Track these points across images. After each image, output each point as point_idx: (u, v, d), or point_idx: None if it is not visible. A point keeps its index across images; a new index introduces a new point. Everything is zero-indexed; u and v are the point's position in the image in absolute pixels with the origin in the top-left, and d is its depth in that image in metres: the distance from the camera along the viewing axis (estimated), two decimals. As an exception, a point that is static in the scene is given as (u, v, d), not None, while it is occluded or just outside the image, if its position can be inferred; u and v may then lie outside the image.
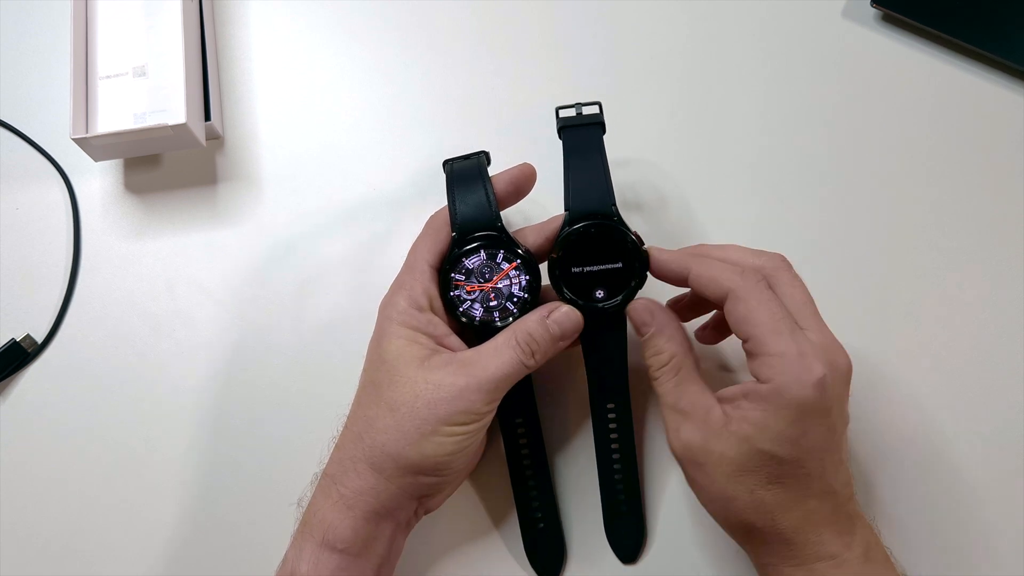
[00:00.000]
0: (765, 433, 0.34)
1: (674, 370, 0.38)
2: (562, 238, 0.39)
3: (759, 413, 0.34)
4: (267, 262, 0.50)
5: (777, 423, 0.34)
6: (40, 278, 0.51)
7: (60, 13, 0.54)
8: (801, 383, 0.33)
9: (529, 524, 0.44)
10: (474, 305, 0.40)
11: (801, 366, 0.33)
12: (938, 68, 0.51)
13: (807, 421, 0.34)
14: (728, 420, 0.35)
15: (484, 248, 0.40)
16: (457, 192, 0.40)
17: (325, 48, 0.55)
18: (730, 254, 0.38)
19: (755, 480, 0.35)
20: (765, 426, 0.34)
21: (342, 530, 0.37)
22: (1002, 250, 0.48)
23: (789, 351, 0.34)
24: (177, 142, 0.49)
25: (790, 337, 0.34)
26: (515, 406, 0.43)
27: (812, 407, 0.33)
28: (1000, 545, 0.43)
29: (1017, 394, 0.45)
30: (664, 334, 0.38)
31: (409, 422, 0.37)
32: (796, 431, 0.34)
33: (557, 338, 0.39)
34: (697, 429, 0.36)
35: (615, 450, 0.43)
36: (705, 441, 0.36)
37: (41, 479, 0.48)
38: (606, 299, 0.39)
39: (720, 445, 0.35)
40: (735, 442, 0.35)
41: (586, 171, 0.40)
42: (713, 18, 0.53)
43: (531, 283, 0.40)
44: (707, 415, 0.36)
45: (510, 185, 0.41)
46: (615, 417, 0.42)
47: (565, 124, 0.41)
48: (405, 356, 0.38)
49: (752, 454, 0.34)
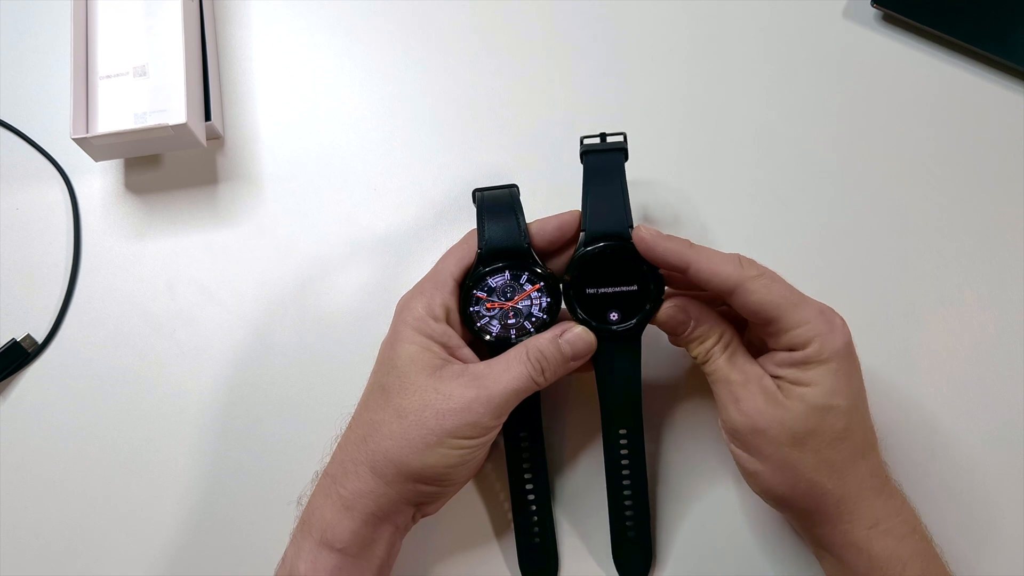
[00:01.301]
0: (817, 389, 0.36)
1: (724, 346, 0.39)
2: (577, 258, 0.39)
3: (810, 374, 0.36)
4: (267, 262, 0.50)
5: (827, 377, 0.36)
6: (40, 278, 0.51)
7: (60, 13, 0.54)
8: (834, 334, 0.36)
9: (524, 536, 0.44)
10: (492, 322, 0.40)
11: (827, 322, 0.36)
12: (938, 68, 0.51)
13: (849, 365, 0.37)
14: (780, 386, 0.37)
15: (509, 269, 0.40)
16: (488, 215, 0.40)
17: (326, 48, 0.55)
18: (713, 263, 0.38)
19: (820, 440, 0.36)
20: (816, 383, 0.36)
21: (341, 531, 0.37)
22: (1002, 250, 0.48)
23: (811, 315, 0.36)
24: (177, 142, 0.49)
25: (805, 303, 0.37)
26: (521, 420, 0.43)
27: (849, 351, 0.37)
28: (1000, 545, 0.43)
29: (1017, 394, 0.45)
30: (706, 321, 0.39)
31: (415, 431, 0.37)
32: (843, 380, 0.36)
33: (568, 358, 0.39)
34: (755, 398, 0.37)
35: (626, 476, 0.42)
36: (764, 410, 0.37)
37: (41, 479, 0.48)
38: (620, 321, 0.39)
39: (779, 412, 0.36)
40: (793, 404, 0.36)
41: (605, 194, 0.40)
42: (713, 18, 0.53)
43: (551, 304, 0.40)
44: (762, 382, 0.37)
45: (557, 230, 0.41)
46: (626, 443, 0.42)
47: (588, 150, 0.41)
48: (418, 363, 0.38)
49: (813, 412, 0.36)
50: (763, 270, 0.37)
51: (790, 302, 0.36)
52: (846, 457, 0.36)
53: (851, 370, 0.37)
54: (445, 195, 0.51)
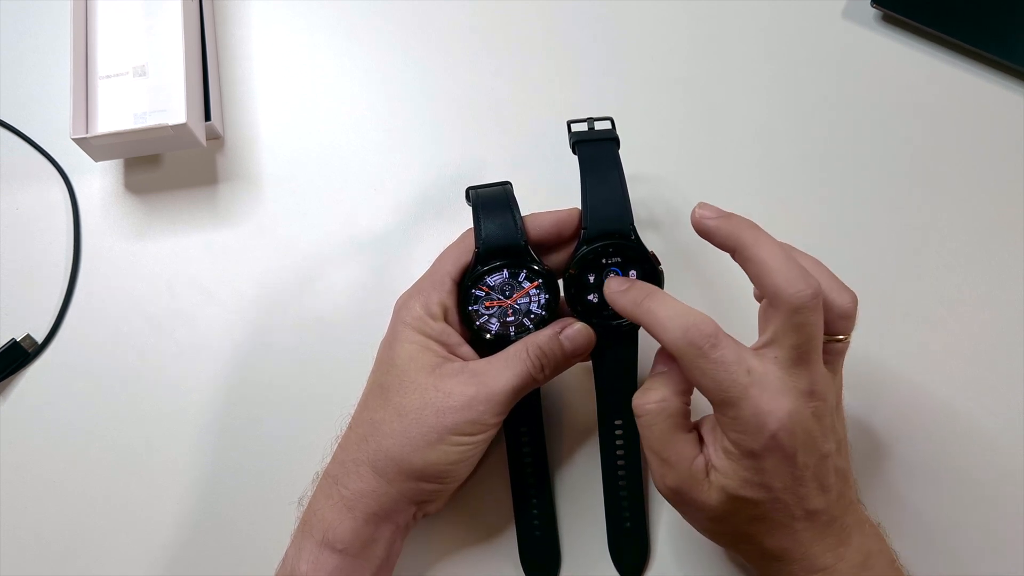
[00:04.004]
0: (735, 481, 0.34)
1: (666, 415, 0.36)
2: (579, 257, 0.39)
3: (727, 463, 0.34)
4: (267, 262, 0.50)
5: (744, 472, 0.34)
6: (40, 278, 0.51)
7: (60, 13, 0.54)
8: (756, 439, 0.33)
9: (526, 531, 0.44)
10: (491, 320, 0.40)
11: (755, 425, 0.33)
12: (938, 68, 0.51)
13: (771, 467, 0.34)
14: (708, 469, 0.35)
15: (507, 267, 0.40)
16: (483, 213, 0.40)
17: (325, 48, 0.55)
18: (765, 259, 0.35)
19: (737, 519, 0.36)
20: (734, 475, 0.34)
21: (342, 531, 0.37)
22: (1002, 250, 0.48)
23: (741, 414, 0.33)
24: (177, 142, 0.49)
25: (743, 398, 0.33)
26: (521, 415, 0.43)
27: (771, 456, 0.33)
28: (1001, 545, 0.43)
29: (1017, 394, 0.45)
30: (661, 372, 0.37)
31: (416, 429, 0.37)
32: (762, 477, 0.34)
33: (569, 354, 0.39)
34: (681, 479, 0.36)
35: (621, 466, 0.43)
36: (689, 489, 0.36)
37: (41, 479, 0.48)
38: (620, 317, 0.39)
39: (702, 493, 0.35)
40: (715, 491, 0.35)
41: (604, 190, 0.39)
42: (713, 18, 0.53)
43: (550, 302, 0.40)
44: (691, 466, 0.36)
45: (553, 227, 0.40)
46: (622, 434, 0.42)
47: (579, 139, 0.41)
48: (417, 362, 0.38)
49: (730, 500, 0.35)
50: (708, 351, 0.33)
51: (723, 396, 0.33)
52: (766, 530, 0.35)
53: (776, 470, 0.34)
54: (445, 195, 0.51)
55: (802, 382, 0.34)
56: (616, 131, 0.41)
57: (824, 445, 0.35)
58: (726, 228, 0.36)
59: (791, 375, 0.34)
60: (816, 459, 0.34)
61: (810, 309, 0.33)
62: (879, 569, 0.36)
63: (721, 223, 0.36)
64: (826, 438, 0.35)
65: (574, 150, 0.41)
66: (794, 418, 0.33)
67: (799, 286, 0.33)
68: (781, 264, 0.34)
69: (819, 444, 0.34)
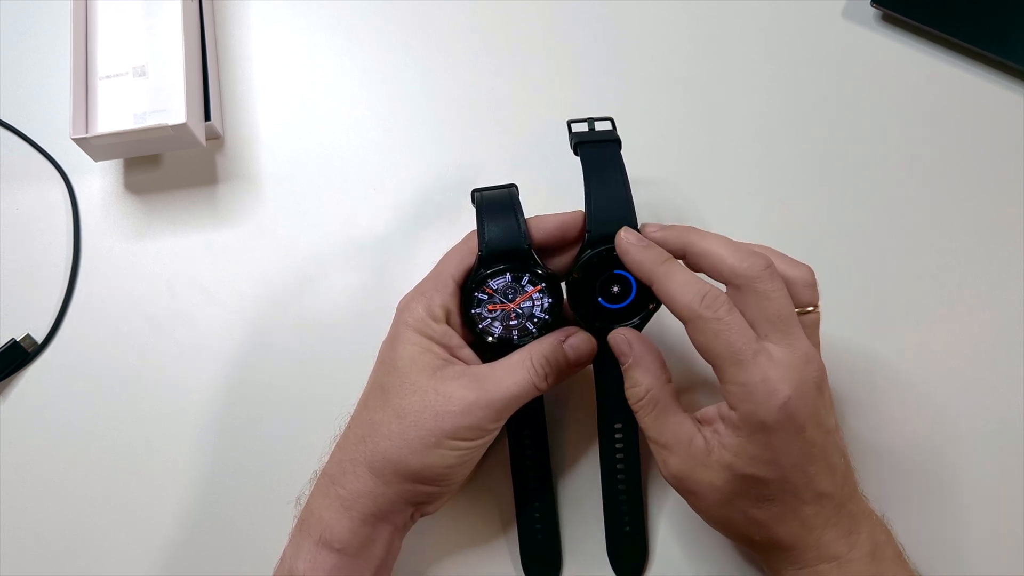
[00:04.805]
0: (743, 458, 0.34)
1: (651, 403, 0.37)
2: (583, 262, 0.39)
3: (734, 440, 0.35)
4: (267, 262, 0.50)
5: (752, 448, 0.34)
6: (40, 278, 0.51)
7: (60, 13, 0.54)
8: (767, 408, 0.33)
9: (527, 533, 0.44)
10: (494, 323, 0.40)
11: (765, 391, 0.33)
12: (938, 68, 0.51)
13: (781, 442, 0.34)
14: (710, 448, 0.36)
15: (511, 271, 0.39)
16: (487, 216, 0.40)
17: (325, 48, 0.55)
18: (713, 248, 0.36)
19: (746, 502, 0.35)
20: (742, 452, 0.34)
21: (339, 530, 0.37)
22: (1002, 250, 0.48)
23: (751, 379, 0.33)
24: (177, 142, 0.49)
25: (752, 363, 0.34)
26: (525, 418, 0.43)
27: (782, 429, 0.33)
28: (1001, 545, 0.43)
29: (1017, 394, 0.45)
30: (640, 366, 0.38)
31: (414, 431, 0.37)
32: (771, 453, 0.34)
33: (572, 363, 0.39)
34: (683, 461, 0.36)
35: (620, 469, 0.43)
36: (692, 471, 0.36)
37: (41, 479, 0.48)
38: (622, 321, 0.39)
39: (707, 475, 0.35)
40: (719, 470, 0.35)
41: (607, 192, 0.39)
42: (713, 18, 0.53)
43: (553, 305, 0.40)
44: (690, 446, 0.36)
45: (557, 229, 0.40)
46: (622, 437, 0.42)
47: (581, 140, 0.40)
48: (418, 364, 0.38)
49: (737, 479, 0.35)
50: (723, 315, 0.34)
51: (734, 358, 0.34)
52: (776, 514, 0.35)
53: (786, 444, 0.34)
54: (445, 195, 0.51)
55: (797, 351, 0.34)
56: (616, 131, 0.41)
57: (828, 419, 0.35)
58: (671, 235, 0.38)
59: (784, 347, 0.34)
60: (823, 434, 0.35)
61: (769, 277, 0.35)
62: (888, 560, 0.36)
63: (666, 233, 0.38)
64: (829, 412, 0.35)
65: (576, 152, 0.41)
66: (801, 388, 0.34)
67: (751, 260, 0.35)
68: (730, 249, 0.36)
69: (824, 418, 0.35)
